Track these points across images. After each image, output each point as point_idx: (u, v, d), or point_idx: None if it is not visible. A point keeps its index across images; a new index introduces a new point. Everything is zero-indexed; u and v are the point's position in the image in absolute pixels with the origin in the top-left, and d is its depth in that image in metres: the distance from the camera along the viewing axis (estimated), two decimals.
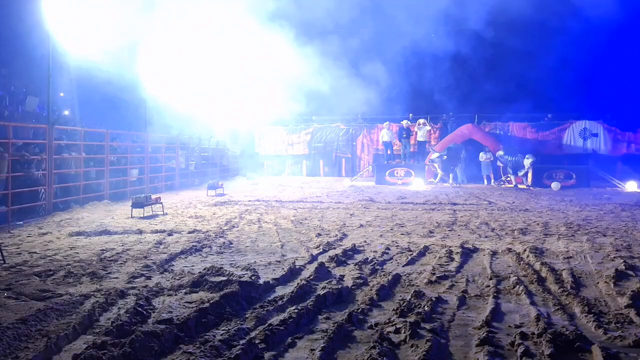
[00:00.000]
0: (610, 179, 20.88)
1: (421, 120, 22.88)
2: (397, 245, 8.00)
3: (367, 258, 7.00)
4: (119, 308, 4.81)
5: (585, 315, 4.64)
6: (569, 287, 5.52)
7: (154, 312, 4.69)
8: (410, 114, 23.65)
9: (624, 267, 6.41)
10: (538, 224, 10.24)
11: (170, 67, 18.05)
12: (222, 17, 18.81)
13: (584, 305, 4.88)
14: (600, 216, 11.43)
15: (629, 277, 6.04)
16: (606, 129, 24.30)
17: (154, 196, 11.88)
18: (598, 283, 5.80)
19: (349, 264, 6.69)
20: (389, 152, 22.75)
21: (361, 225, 10.06)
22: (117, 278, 5.95)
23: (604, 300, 5.16)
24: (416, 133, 22.77)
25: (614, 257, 7.11)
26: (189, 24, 17.46)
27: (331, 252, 7.37)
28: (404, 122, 22.65)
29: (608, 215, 11.56)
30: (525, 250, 7.50)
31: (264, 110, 26.83)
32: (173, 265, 6.65)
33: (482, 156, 21.18)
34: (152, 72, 17.27)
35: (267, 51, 21.94)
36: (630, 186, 18.49)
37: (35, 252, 7.36)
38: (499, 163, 21.16)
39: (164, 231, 9.20)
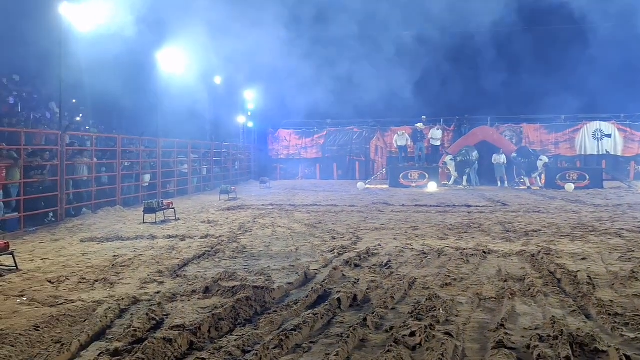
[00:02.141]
0: (624, 179, 20.63)
1: (437, 125, 22.99)
2: (412, 248, 7.96)
3: (382, 261, 6.96)
4: (132, 314, 4.81)
5: (602, 317, 4.56)
6: (584, 289, 5.43)
7: (167, 317, 4.69)
8: (424, 117, 23.60)
9: (639, 268, 6.30)
10: (552, 226, 10.13)
11: (182, 70, 18.15)
12: (235, 16, 18.91)
13: (600, 307, 4.80)
14: (614, 217, 11.28)
15: None
16: (619, 129, 24.05)
17: (166, 201, 11.93)
18: (613, 284, 5.71)
19: (363, 268, 6.65)
20: (403, 154, 22.75)
21: (375, 229, 10.02)
22: (129, 284, 5.96)
23: (620, 302, 5.07)
24: (429, 137, 22.81)
25: (629, 258, 7.01)
26: (201, 25, 17.56)
27: (345, 256, 7.35)
28: (419, 125, 22.66)
29: (622, 217, 11.39)
30: (539, 251, 7.42)
31: (277, 114, 26.98)
32: (186, 270, 6.65)
33: (496, 158, 21.05)
34: (164, 76, 17.39)
35: (280, 54, 22.02)
36: None
37: (47, 259, 7.42)
38: (512, 165, 21.04)
39: (176, 236, 9.23)
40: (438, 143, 22.87)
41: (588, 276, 5.95)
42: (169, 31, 17.02)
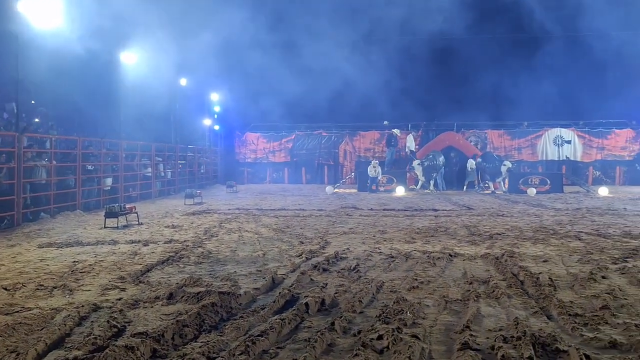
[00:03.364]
0: (583, 184, 21.36)
1: (411, 132, 23.23)
2: (380, 252, 7.99)
3: (350, 265, 6.96)
4: (92, 322, 4.65)
5: (562, 318, 4.67)
6: (545, 290, 5.56)
7: (129, 324, 4.55)
8: (386, 122, 23.86)
9: (597, 270, 6.50)
10: (515, 229, 10.36)
11: (146, 72, 17.79)
12: (201, 18, 18.68)
13: (560, 307, 4.92)
14: (573, 221, 11.62)
15: (602, 279, 6.12)
16: (579, 136, 24.94)
17: (128, 205, 11.66)
18: (573, 286, 5.86)
19: (331, 272, 6.63)
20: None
21: (344, 233, 10.03)
22: (89, 290, 5.77)
23: (580, 303, 5.21)
24: (405, 143, 22.95)
25: (588, 260, 7.22)
26: (167, 26, 17.26)
27: (314, 260, 7.31)
28: (395, 131, 22.92)
29: (581, 220, 11.75)
30: (503, 254, 7.56)
31: (244, 117, 26.78)
32: (149, 276, 6.49)
33: (471, 164, 21.34)
34: (127, 77, 17.02)
35: (247, 57, 21.89)
36: (602, 191, 18.92)
37: (2, 265, 7.12)
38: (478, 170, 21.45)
39: (139, 241, 9.01)
40: (414, 149, 23.14)
41: (549, 278, 6.09)
42: (133, 31, 16.67)
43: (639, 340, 4.08)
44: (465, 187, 21.44)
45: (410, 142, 22.77)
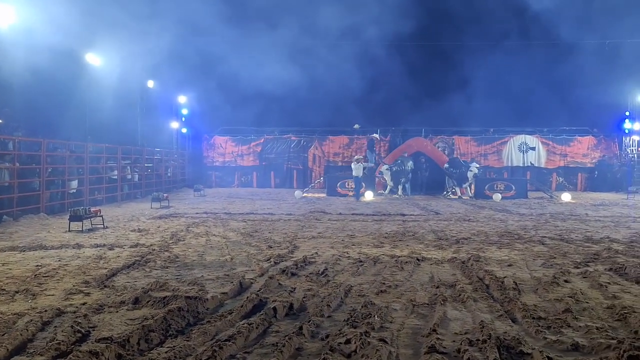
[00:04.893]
0: (547, 190, 21.95)
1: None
2: (348, 256, 8.02)
3: (319, 269, 6.96)
4: (56, 327, 4.53)
5: (527, 321, 4.77)
6: (510, 294, 5.68)
7: (93, 330, 4.45)
8: (356, 125, 24.01)
9: (560, 274, 6.69)
10: (481, 234, 10.57)
11: (113, 73, 17.45)
12: (168, 20, 18.46)
13: (524, 311, 5.03)
14: (537, 226, 11.93)
15: (565, 283, 6.30)
16: (542, 143, 25.67)
17: (93, 209, 11.39)
18: (537, 289, 6.00)
19: (300, 276, 6.62)
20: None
21: (312, 237, 10.03)
22: (53, 295, 5.61)
23: (543, 306, 5.34)
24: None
25: (551, 265, 7.41)
26: (134, 27, 16.98)
27: (282, 265, 7.29)
28: (375, 135, 23.06)
29: (545, 225, 12.07)
30: (469, 258, 7.69)
31: (212, 121, 26.55)
32: (114, 280, 6.36)
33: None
34: (94, 78, 16.66)
35: (215, 60, 21.73)
36: (565, 197, 19.48)
37: None
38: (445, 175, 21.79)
39: (104, 245, 8.83)
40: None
41: (514, 282, 6.22)
42: (99, 32, 16.34)
43: (600, 342, 4.21)
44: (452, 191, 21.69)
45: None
